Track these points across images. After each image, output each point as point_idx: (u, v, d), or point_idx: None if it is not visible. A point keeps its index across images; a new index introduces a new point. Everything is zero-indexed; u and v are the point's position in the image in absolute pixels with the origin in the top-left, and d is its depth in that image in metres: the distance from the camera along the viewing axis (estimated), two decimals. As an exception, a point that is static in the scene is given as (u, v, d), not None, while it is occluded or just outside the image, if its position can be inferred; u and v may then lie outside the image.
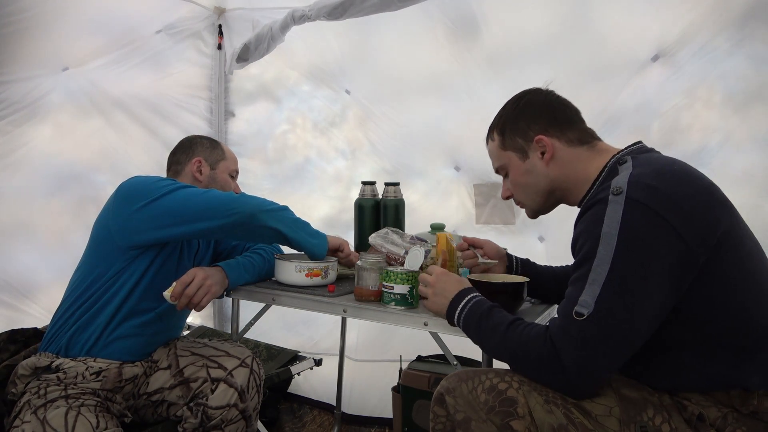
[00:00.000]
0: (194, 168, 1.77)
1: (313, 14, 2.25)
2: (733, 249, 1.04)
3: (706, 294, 1.03)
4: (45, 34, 2.28)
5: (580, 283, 1.03)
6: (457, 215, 2.50)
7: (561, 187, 1.26)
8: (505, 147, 1.30)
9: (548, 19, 2.27)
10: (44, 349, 1.55)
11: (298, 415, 2.66)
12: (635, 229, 1.00)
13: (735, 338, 1.04)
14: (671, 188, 1.03)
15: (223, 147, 1.87)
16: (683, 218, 1.00)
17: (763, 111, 1.93)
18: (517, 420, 1.03)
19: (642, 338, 1.02)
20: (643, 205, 1.01)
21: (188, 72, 2.93)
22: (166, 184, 1.52)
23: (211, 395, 1.52)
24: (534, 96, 1.30)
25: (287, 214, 1.56)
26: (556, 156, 1.24)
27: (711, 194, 1.07)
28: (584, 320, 1.00)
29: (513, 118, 1.29)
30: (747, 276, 1.06)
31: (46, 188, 2.40)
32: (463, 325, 1.21)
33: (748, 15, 1.91)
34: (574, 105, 1.31)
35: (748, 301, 1.05)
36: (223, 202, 1.48)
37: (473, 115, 2.38)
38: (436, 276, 1.31)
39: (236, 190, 1.86)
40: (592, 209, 1.07)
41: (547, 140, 1.23)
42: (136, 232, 1.51)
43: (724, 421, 1.02)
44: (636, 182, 1.04)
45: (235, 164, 1.88)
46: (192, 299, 1.50)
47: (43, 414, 1.37)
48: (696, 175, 1.10)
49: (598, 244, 1.02)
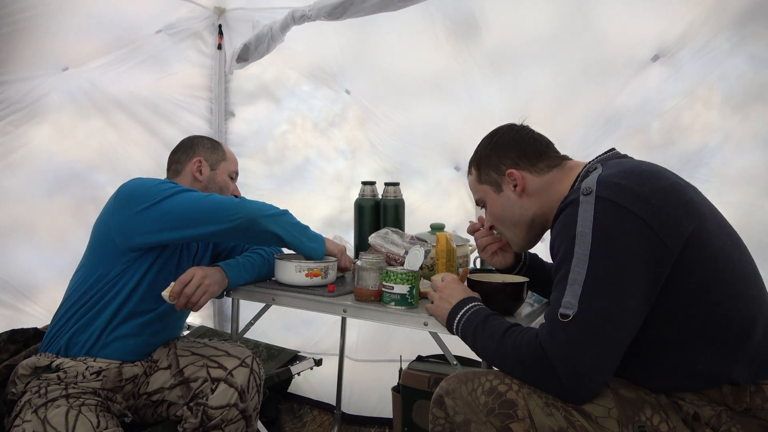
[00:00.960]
0: (194, 168, 1.76)
1: (313, 14, 2.25)
2: (704, 246, 1.06)
3: (682, 290, 1.04)
4: (45, 34, 2.28)
5: (562, 285, 1.05)
6: (457, 215, 2.50)
7: (539, 213, 1.31)
8: (481, 181, 1.38)
9: (548, 19, 2.27)
10: (44, 350, 1.55)
11: (298, 415, 2.66)
12: (608, 226, 1.02)
13: (716, 334, 1.06)
14: (638, 185, 1.05)
15: (224, 148, 1.87)
16: (652, 212, 1.02)
17: (763, 111, 1.93)
18: (516, 422, 1.03)
19: (629, 334, 1.03)
20: (612, 202, 1.03)
21: (188, 72, 2.93)
22: (168, 188, 1.52)
23: (212, 395, 1.52)
24: (506, 132, 1.37)
25: (287, 219, 1.58)
26: (527, 187, 1.30)
27: (677, 192, 1.09)
28: (569, 321, 1.01)
29: (487, 154, 1.36)
30: (720, 273, 1.07)
31: (46, 188, 2.40)
32: (461, 334, 1.23)
33: (748, 15, 1.91)
34: (546, 138, 1.36)
35: (723, 298, 1.06)
36: (225, 207, 1.48)
37: (473, 114, 2.38)
38: (447, 283, 1.33)
39: (235, 192, 1.86)
40: (565, 211, 1.10)
41: (518, 173, 1.30)
42: (136, 234, 1.51)
43: (719, 419, 1.03)
44: (604, 181, 1.07)
45: (235, 165, 1.88)
46: (190, 299, 1.51)
47: (44, 413, 1.38)
48: (663, 174, 1.13)
49: (574, 244, 1.04)
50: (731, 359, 1.05)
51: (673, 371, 1.08)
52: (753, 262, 1.15)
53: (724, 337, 1.06)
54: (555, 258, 1.11)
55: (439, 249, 1.68)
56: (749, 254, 1.16)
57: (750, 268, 1.13)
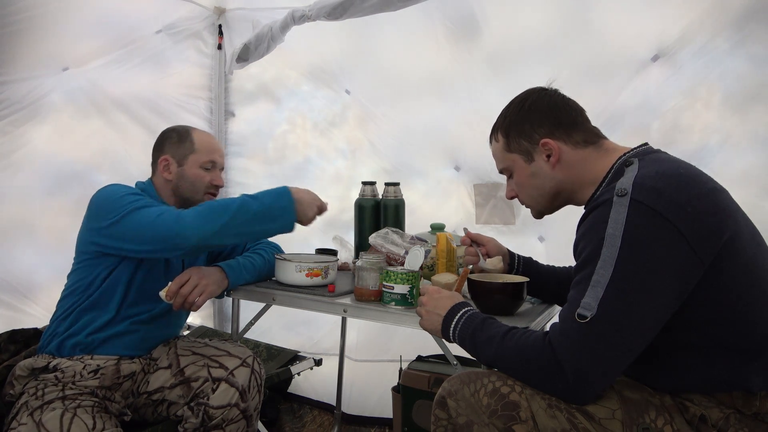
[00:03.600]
0: (161, 168, 1.72)
1: (313, 14, 2.25)
2: (737, 254, 1.03)
3: (709, 297, 1.02)
4: (45, 34, 2.28)
5: (583, 286, 1.01)
6: (457, 215, 2.50)
7: (567, 188, 1.25)
8: (510, 149, 1.29)
9: (548, 19, 2.27)
10: (42, 351, 1.56)
11: (298, 415, 2.66)
12: (639, 231, 0.99)
13: (737, 341, 1.04)
14: (676, 191, 1.01)
15: (195, 137, 1.75)
16: (687, 221, 0.99)
17: (762, 111, 1.93)
18: (519, 424, 1.02)
19: (644, 342, 1.01)
20: (648, 207, 0.99)
21: (188, 72, 2.93)
22: (127, 203, 1.49)
23: (212, 395, 1.53)
24: (538, 97, 1.27)
25: (241, 217, 1.45)
26: (562, 159, 1.22)
27: (715, 198, 1.05)
28: (587, 323, 0.98)
29: (518, 120, 1.27)
30: (750, 281, 1.05)
31: (46, 188, 2.40)
32: (458, 341, 1.20)
33: (747, 15, 1.91)
34: (578, 104, 1.29)
35: (750, 306, 1.04)
36: (165, 234, 1.42)
37: (473, 115, 2.38)
38: (428, 294, 1.30)
39: (215, 182, 1.75)
40: (596, 211, 1.06)
41: (553, 143, 1.22)
42: (108, 247, 1.53)
43: (727, 422, 1.02)
44: (641, 184, 1.02)
45: (210, 154, 1.74)
46: (187, 299, 1.51)
47: (39, 416, 1.38)
48: (702, 179, 1.08)
49: (602, 245, 1.00)
50: (748, 368, 1.03)
51: (685, 373, 1.07)
52: None
53: (744, 346, 1.04)
54: (578, 256, 1.08)
55: (439, 249, 1.68)
56: None
57: None
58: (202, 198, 1.73)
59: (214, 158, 1.75)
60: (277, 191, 1.53)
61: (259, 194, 1.52)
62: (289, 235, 1.59)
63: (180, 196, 1.72)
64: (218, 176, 1.77)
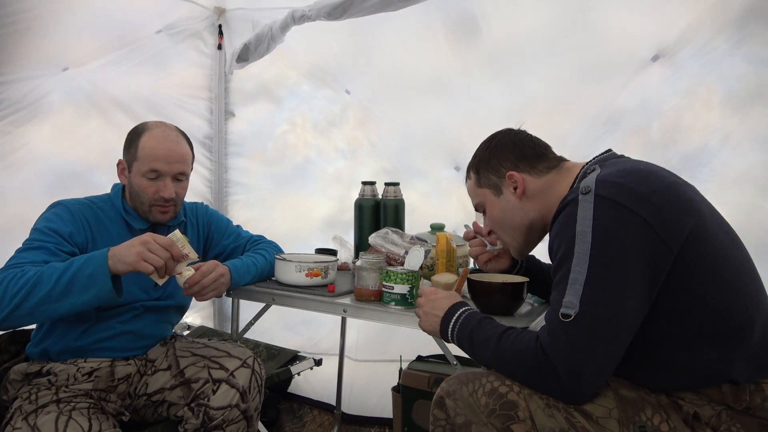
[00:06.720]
0: (119, 171, 1.63)
1: (313, 14, 2.25)
2: (705, 242, 1.06)
3: (682, 287, 1.04)
4: (45, 34, 2.28)
5: (562, 285, 1.04)
6: (457, 215, 2.50)
7: (539, 217, 1.31)
8: (480, 184, 1.38)
9: (548, 19, 2.27)
10: (33, 355, 1.55)
11: (298, 415, 2.66)
12: (608, 224, 1.02)
13: (715, 330, 1.06)
14: (637, 184, 1.05)
15: (141, 141, 1.57)
16: (652, 211, 1.02)
17: (762, 111, 1.93)
18: (517, 424, 1.03)
19: (630, 333, 1.03)
20: (612, 201, 1.03)
21: (188, 72, 2.93)
22: (27, 239, 1.50)
23: (213, 396, 1.52)
24: (504, 135, 1.37)
25: (38, 293, 1.29)
26: (527, 189, 1.30)
27: (677, 190, 1.09)
28: (572, 321, 1.00)
29: (486, 157, 1.36)
30: (721, 268, 1.07)
31: (46, 188, 2.39)
32: (457, 341, 1.22)
33: (747, 15, 1.91)
34: (543, 141, 1.36)
35: (724, 293, 1.06)
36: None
37: (473, 115, 2.38)
38: (425, 296, 1.32)
39: (163, 193, 1.55)
40: (564, 211, 1.10)
41: (518, 176, 1.30)
42: None
43: (719, 419, 1.03)
44: (603, 180, 1.07)
45: (151, 162, 1.54)
46: (201, 291, 1.50)
47: (34, 420, 1.37)
48: (662, 174, 1.13)
49: (574, 243, 1.04)
50: (730, 357, 1.05)
51: (672, 369, 1.08)
52: (751, 260, 1.16)
53: (724, 334, 1.06)
54: (554, 258, 1.11)
55: (439, 249, 1.68)
56: (747, 252, 1.16)
57: (748, 266, 1.14)
58: (149, 211, 1.58)
59: (157, 166, 1.54)
60: (88, 257, 1.36)
61: (65, 265, 1.35)
62: (289, 236, 1.59)
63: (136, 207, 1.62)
64: (166, 186, 1.55)
